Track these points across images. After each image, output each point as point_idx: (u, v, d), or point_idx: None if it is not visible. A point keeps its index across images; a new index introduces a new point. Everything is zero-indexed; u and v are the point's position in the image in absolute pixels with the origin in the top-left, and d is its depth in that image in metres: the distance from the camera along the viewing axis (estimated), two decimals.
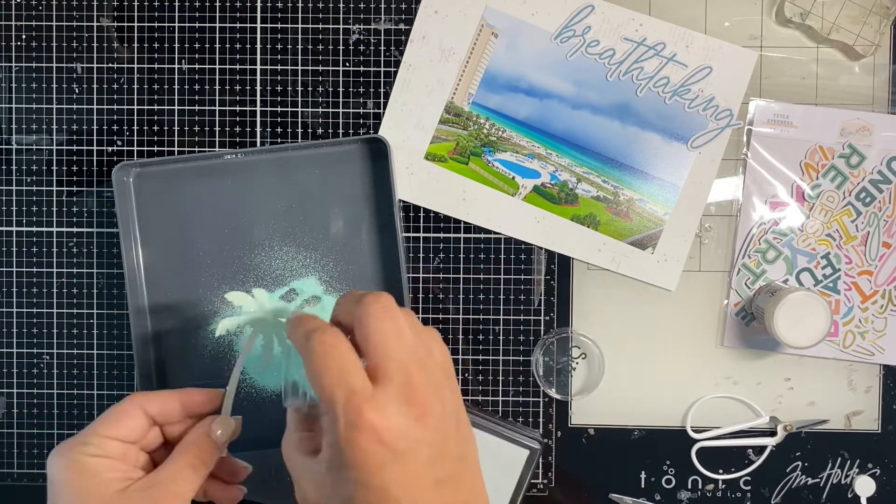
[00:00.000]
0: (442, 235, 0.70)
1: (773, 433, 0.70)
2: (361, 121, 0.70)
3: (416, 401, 0.43)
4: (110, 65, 0.71)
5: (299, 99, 0.70)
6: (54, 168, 0.71)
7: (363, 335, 0.44)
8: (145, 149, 0.71)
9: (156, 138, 0.71)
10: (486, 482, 0.68)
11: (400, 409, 0.42)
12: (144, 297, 0.69)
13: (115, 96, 0.71)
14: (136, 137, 0.71)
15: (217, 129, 0.71)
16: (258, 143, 0.70)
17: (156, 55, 0.70)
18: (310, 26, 0.70)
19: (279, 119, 0.70)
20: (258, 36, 0.70)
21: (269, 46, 0.70)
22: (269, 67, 0.70)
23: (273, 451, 0.68)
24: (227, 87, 0.70)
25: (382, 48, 0.70)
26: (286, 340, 0.55)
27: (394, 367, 0.43)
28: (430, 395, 0.43)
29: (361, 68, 0.70)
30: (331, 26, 0.70)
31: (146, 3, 0.70)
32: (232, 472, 0.54)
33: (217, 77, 0.70)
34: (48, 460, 0.48)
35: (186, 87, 0.70)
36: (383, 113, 0.70)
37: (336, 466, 0.42)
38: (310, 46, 0.70)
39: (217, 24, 0.70)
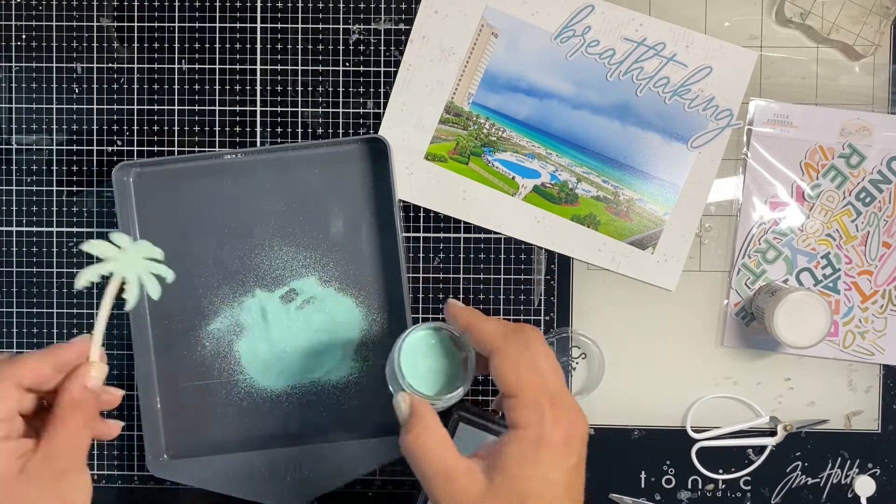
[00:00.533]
0: (442, 235, 0.70)
1: (773, 433, 0.70)
2: (361, 121, 0.70)
3: (581, 417, 0.48)
4: (110, 65, 0.71)
5: (299, 99, 0.70)
6: (54, 168, 0.71)
7: (535, 353, 0.48)
8: (145, 149, 0.71)
9: (156, 138, 0.71)
10: None
11: (579, 420, 0.48)
12: (144, 296, 0.69)
13: (115, 96, 0.71)
14: (136, 137, 0.71)
15: (217, 129, 0.71)
16: (258, 143, 0.70)
17: (156, 55, 0.70)
18: (310, 26, 0.70)
19: (279, 119, 0.70)
20: (258, 36, 0.70)
21: (269, 46, 0.70)
22: (269, 67, 0.70)
23: (273, 451, 0.68)
24: (227, 87, 0.70)
25: (382, 48, 0.70)
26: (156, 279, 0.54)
27: (562, 385, 0.48)
28: (583, 416, 0.49)
29: (361, 68, 0.70)
30: (331, 26, 0.70)
31: (146, 3, 0.70)
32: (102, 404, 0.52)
33: (217, 77, 0.70)
34: None
35: (186, 87, 0.70)
36: (383, 113, 0.70)
37: (520, 463, 0.45)
38: (310, 46, 0.70)
39: (217, 24, 0.70)
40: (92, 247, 0.54)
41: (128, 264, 0.55)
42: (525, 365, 0.48)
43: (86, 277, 0.54)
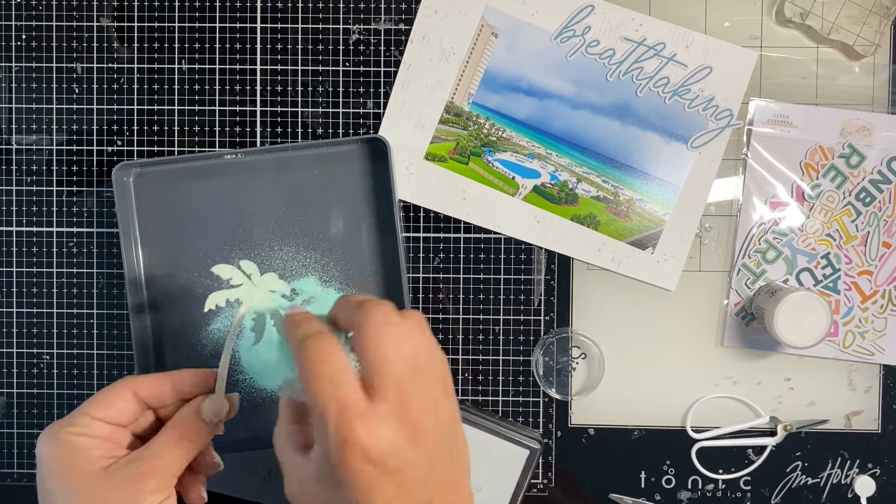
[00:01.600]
0: (442, 235, 0.70)
1: (773, 433, 0.70)
2: (361, 121, 0.70)
3: (409, 419, 0.42)
4: (110, 65, 0.71)
5: (299, 99, 0.70)
6: (54, 168, 0.71)
7: (360, 344, 0.43)
8: (145, 149, 0.71)
9: (156, 138, 0.71)
10: (485, 482, 0.68)
11: (393, 427, 0.41)
12: (144, 297, 0.69)
13: (115, 96, 0.71)
14: (136, 137, 0.71)
15: (217, 129, 0.71)
16: (258, 143, 0.70)
17: (156, 55, 0.70)
18: (310, 26, 0.70)
19: (279, 119, 0.70)
20: (258, 36, 0.70)
21: (269, 46, 0.70)
22: (269, 67, 0.70)
23: (272, 451, 0.68)
24: (227, 87, 0.70)
25: (382, 48, 0.70)
26: (280, 313, 0.54)
27: (389, 384, 0.42)
28: (425, 414, 0.42)
29: (361, 68, 0.70)
30: (331, 26, 0.70)
31: (146, 3, 0.70)
32: (204, 465, 0.53)
33: (217, 77, 0.70)
34: (38, 441, 0.48)
35: (186, 87, 0.70)
36: (383, 113, 0.70)
37: (326, 478, 0.42)
38: (310, 46, 0.70)
39: (217, 24, 0.70)
40: (222, 270, 0.56)
41: (256, 295, 0.56)
42: (314, 375, 0.43)
43: (214, 300, 0.55)
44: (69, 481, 0.46)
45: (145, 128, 0.71)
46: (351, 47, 0.70)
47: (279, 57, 0.70)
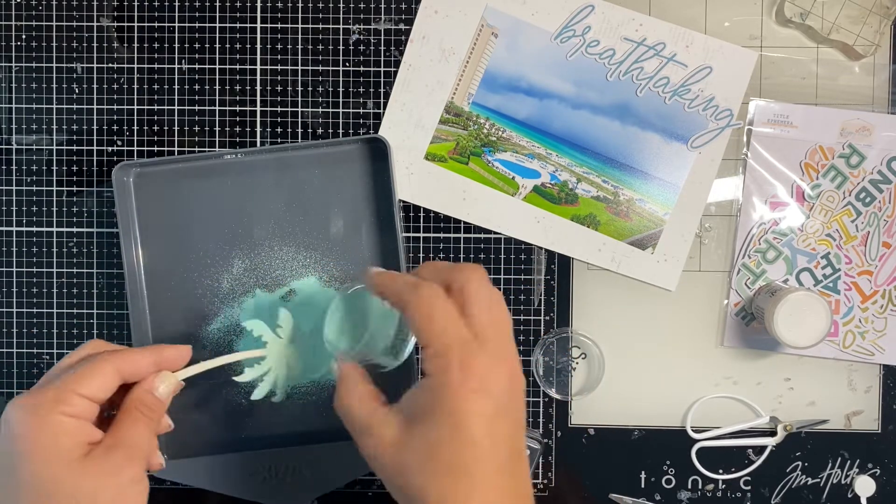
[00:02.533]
0: (442, 235, 0.70)
1: (773, 433, 0.70)
2: (361, 121, 0.70)
3: (509, 367, 0.46)
4: (110, 65, 0.71)
5: (299, 99, 0.70)
6: (54, 168, 0.71)
7: (467, 297, 0.46)
8: (145, 149, 0.71)
9: (156, 138, 0.71)
10: None
11: (501, 368, 0.45)
12: (144, 297, 0.69)
13: (115, 96, 0.71)
14: (136, 137, 0.71)
15: (217, 129, 0.71)
16: (258, 143, 0.70)
17: (156, 55, 0.70)
18: (310, 26, 0.70)
19: (279, 119, 0.70)
20: (258, 36, 0.70)
21: (269, 46, 0.70)
22: (269, 67, 0.70)
23: (273, 451, 0.68)
24: (227, 87, 0.70)
25: (382, 48, 0.70)
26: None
27: (493, 331, 0.45)
28: (517, 368, 0.46)
29: (361, 68, 0.70)
30: (331, 26, 0.70)
31: (146, 3, 0.70)
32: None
33: (217, 77, 0.70)
34: (10, 410, 0.46)
35: (186, 87, 0.70)
36: (383, 113, 0.70)
37: (428, 411, 0.44)
38: (310, 46, 0.70)
39: (217, 24, 0.70)
40: (254, 327, 0.62)
41: (278, 355, 0.61)
42: (438, 313, 0.46)
43: (253, 326, 0.62)
44: (47, 469, 0.45)
45: (145, 128, 0.71)
46: (351, 47, 0.70)
47: (279, 57, 0.70)
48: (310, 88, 0.70)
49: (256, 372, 0.62)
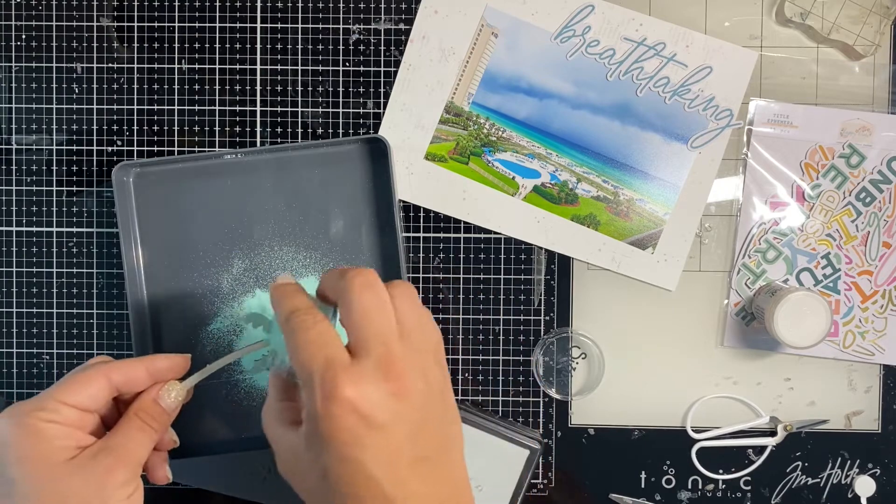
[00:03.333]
0: (442, 235, 0.70)
1: (773, 433, 0.70)
2: (361, 121, 0.70)
3: (394, 374, 0.42)
4: (110, 65, 0.71)
5: (299, 99, 0.70)
6: (54, 168, 0.71)
7: (345, 309, 0.43)
8: (145, 149, 0.71)
9: (156, 138, 0.71)
10: (485, 482, 0.68)
11: (378, 381, 0.42)
12: (144, 296, 0.69)
13: (115, 96, 0.71)
14: (136, 137, 0.71)
15: (217, 129, 0.71)
16: (258, 143, 0.70)
17: (156, 55, 0.70)
18: (310, 26, 0.70)
19: (279, 119, 0.70)
20: (258, 36, 0.70)
21: (269, 46, 0.70)
22: (269, 67, 0.70)
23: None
24: (227, 87, 0.70)
25: (382, 48, 0.70)
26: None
27: (372, 341, 0.42)
28: (410, 370, 0.43)
29: (361, 68, 0.70)
30: (331, 26, 0.70)
31: (146, 3, 0.70)
32: (163, 444, 0.54)
33: (217, 77, 0.70)
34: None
35: (186, 87, 0.70)
36: (383, 113, 0.70)
37: (313, 439, 0.42)
38: (310, 46, 0.70)
39: (217, 24, 0.70)
40: (252, 319, 0.62)
41: (279, 341, 0.60)
42: (298, 341, 0.44)
43: (252, 319, 0.62)
44: (34, 471, 0.45)
45: (145, 128, 0.71)
46: (351, 47, 0.70)
47: (279, 57, 0.70)
48: (310, 88, 0.70)
49: (263, 361, 0.62)
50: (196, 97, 0.70)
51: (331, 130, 0.70)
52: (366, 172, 0.69)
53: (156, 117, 0.71)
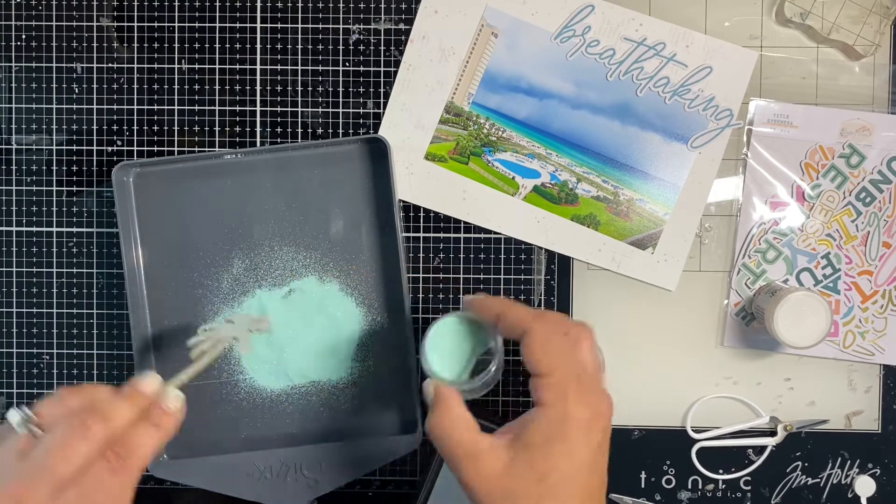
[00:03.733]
0: (442, 235, 0.70)
1: (773, 433, 0.70)
2: (361, 121, 0.70)
3: (608, 402, 0.51)
4: (110, 65, 0.71)
5: (299, 99, 0.70)
6: (54, 168, 0.71)
7: (576, 341, 0.50)
8: (145, 149, 0.71)
9: (156, 138, 0.71)
10: None
11: (605, 399, 0.51)
12: (144, 296, 0.69)
13: (115, 96, 0.71)
14: (136, 137, 0.71)
15: (217, 129, 0.71)
16: (258, 143, 0.70)
17: (156, 55, 0.70)
18: (310, 26, 0.70)
19: (279, 119, 0.70)
20: (258, 36, 0.70)
21: (269, 46, 0.70)
22: (269, 67, 0.70)
23: (273, 451, 0.68)
24: (227, 87, 0.70)
25: (382, 48, 0.70)
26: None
27: (597, 372, 0.50)
28: (611, 404, 0.51)
29: (361, 68, 0.70)
30: (331, 26, 0.70)
31: (146, 3, 0.70)
32: None
33: (217, 77, 0.70)
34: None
35: (186, 87, 0.70)
36: (383, 113, 0.70)
37: (546, 440, 0.47)
38: (310, 46, 0.70)
39: (217, 24, 0.70)
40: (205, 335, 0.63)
41: (236, 329, 0.62)
42: (555, 346, 0.49)
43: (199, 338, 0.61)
44: None
45: (145, 128, 0.71)
46: (351, 47, 0.70)
47: (279, 57, 0.70)
48: (310, 88, 0.70)
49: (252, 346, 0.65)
50: (196, 97, 0.70)
51: (331, 130, 0.70)
52: (366, 172, 0.69)
53: (156, 117, 0.71)
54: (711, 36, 0.69)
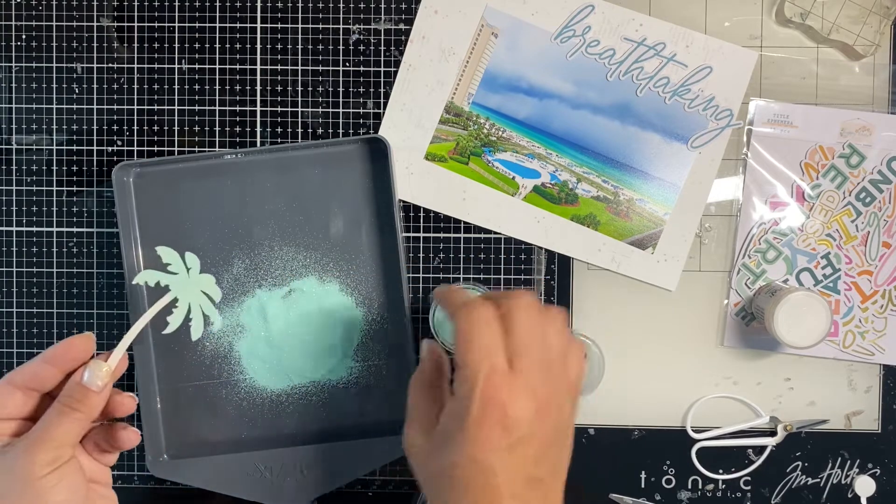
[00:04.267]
0: (442, 235, 0.70)
1: (773, 433, 0.70)
2: (361, 121, 0.70)
3: (540, 396, 0.46)
4: (110, 65, 0.71)
5: (299, 99, 0.70)
6: (54, 168, 0.71)
7: (510, 325, 0.47)
8: (145, 149, 0.71)
9: (156, 138, 0.71)
10: None
11: (527, 399, 0.45)
12: (144, 297, 0.69)
13: (115, 96, 0.71)
14: (136, 137, 0.71)
15: (217, 129, 0.71)
16: (258, 143, 0.70)
17: (156, 55, 0.70)
18: (310, 26, 0.70)
19: (279, 119, 0.70)
20: (258, 36, 0.70)
21: (269, 46, 0.70)
22: (269, 67, 0.70)
23: (273, 451, 0.68)
24: (227, 87, 0.70)
25: (382, 48, 0.70)
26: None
27: (532, 362, 0.46)
28: (553, 397, 0.47)
29: (361, 68, 0.70)
30: (331, 26, 0.70)
31: (146, 3, 0.70)
32: (122, 440, 0.54)
33: (217, 77, 0.70)
34: None
35: (186, 87, 0.70)
36: (383, 113, 0.70)
37: (452, 432, 0.45)
38: (310, 46, 0.70)
39: (217, 24, 0.70)
40: (164, 253, 0.63)
41: (187, 289, 0.61)
42: (473, 338, 0.46)
43: (144, 278, 0.61)
44: None
45: (145, 128, 0.71)
46: (351, 47, 0.70)
47: (279, 57, 0.70)
48: (310, 88, 0.70)
49: (178, 315, 0.64)
50: (196, 97, 0.70)
51: (331, 130, 0.70)
52: (366, 172, 0.69)
53: (156, 117, 0.71)
54: (711, 36, 0.69)
